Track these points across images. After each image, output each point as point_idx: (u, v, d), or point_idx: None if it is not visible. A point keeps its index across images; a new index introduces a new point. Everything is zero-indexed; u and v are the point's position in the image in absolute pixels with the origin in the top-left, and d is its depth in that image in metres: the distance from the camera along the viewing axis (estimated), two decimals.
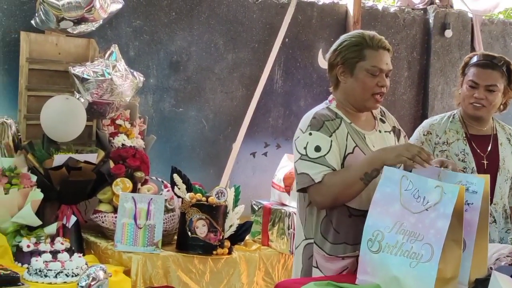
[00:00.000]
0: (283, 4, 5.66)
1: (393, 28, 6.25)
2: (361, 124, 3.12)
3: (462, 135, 3.79)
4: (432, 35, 6.38)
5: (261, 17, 5.59)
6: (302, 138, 3.00)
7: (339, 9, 5.97)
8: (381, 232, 2.69)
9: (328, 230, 3.02)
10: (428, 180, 2.69)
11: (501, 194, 3.78)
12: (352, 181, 2.87)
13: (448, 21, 6.38)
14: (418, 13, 6.42)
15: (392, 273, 2.61)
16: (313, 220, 3.05)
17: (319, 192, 2.91)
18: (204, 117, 5.41)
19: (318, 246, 3.04)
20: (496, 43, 6.82)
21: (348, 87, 3.07)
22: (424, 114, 6.39)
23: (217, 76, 5.45)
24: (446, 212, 2.57)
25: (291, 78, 5.76)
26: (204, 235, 4.13)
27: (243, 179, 5.47)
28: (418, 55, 6.40)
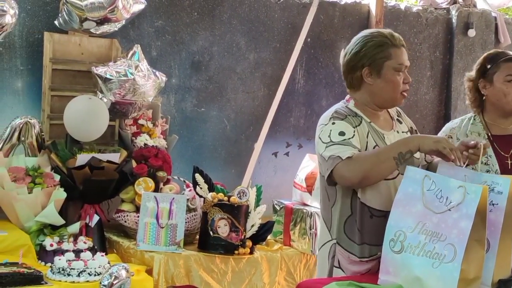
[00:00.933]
0: (305, 3, 5.65)
1: (415, 28, 6.22)
2: (380, 124, 3.10)
3: (484, 137, 3.74)
4: (455, 34, 6.35)
5: (283, 16, 5.59)
6: (326, 129, 2.98)
7: (361, 9, 5.95)
8: (403, 232, 2.68)
9: (352, 230, 3.01)
10: (451, 180, 2.67)
11: None
12: (384, 158, 2.84)
13: (471, 21, 6.34)
14: (441, 13, 6.39)
15: (415, 273, 2.60)
16: (336, 220, 3.04)
17: (348, 167, 2.84)
18: (226, 116, 5.42)
19: (342, 246, 3.03)
20: None
21: (376, 88, 3.05)
22: (447, 114, 6.36)
23: (238, 76, 5.45)
24: (469, 212, 2.56)
25: (313, 77, 5.75)
26: (226, 235, 4.14)
27: (265, 179, 5.47)
28: (441, 55, 6.37)
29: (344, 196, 3.01)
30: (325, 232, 3.11)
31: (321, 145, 2.96)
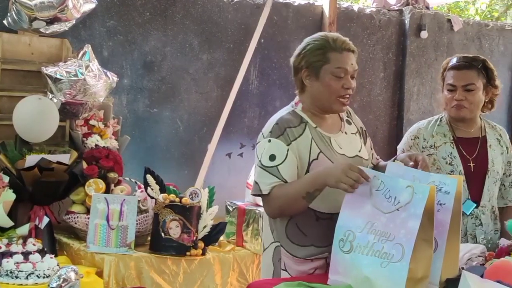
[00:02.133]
0: (259, 4, 5.65)
1: (369, 29, 6.26)
2: (327, 127, 3.10)
3: (450, 139, 3.80)
4: (408, 36, 6.40)
5: (236, 17, 5.58)
6: (261, 144, 3.01)
7: (314, 10, 5.97)
8: (352, 232, 2.69)
9: (294, 233, 3.01)
10: (399, 180, 2.69)
11: (489, 196, 3.78)
12: (294, 199, 2.89)
13: (423, 22, 6.40)
14: (394, 14, 6.44)
15: (363, 273, 2.61)
16: (279, 224, 3.05)
17: (267, 203, 2.97)
18: (179, 117, 5.40)
19: (285, 249, 3.03)
20: (471, 44, 6.85)
21: (314, 91, 3.05)
22: (400, 115, 6.42)
23: (192, 77, 5.43)
24: (417, 212, 2.57)
25: (266, 78, 5.75)
26: (178, 236, 4.11)
27: (219, 180, 5.45)
28: (394, 56, 6.42)
29: None
30: (269, 234, 3.11)
31: (255, 159, 3.02)
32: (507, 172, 3.90)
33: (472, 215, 3.72)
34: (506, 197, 3.90)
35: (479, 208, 3.74)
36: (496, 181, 3.81)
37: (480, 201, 3.74)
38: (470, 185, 3.73)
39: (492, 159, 3.80)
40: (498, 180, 3.82)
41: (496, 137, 3.89)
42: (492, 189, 3.79)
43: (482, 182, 3.76)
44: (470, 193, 3.72)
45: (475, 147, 3.81)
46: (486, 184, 3.76)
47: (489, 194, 3.77)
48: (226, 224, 4.55)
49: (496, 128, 3.95)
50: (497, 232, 3.81)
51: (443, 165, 3.74)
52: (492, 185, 3.78)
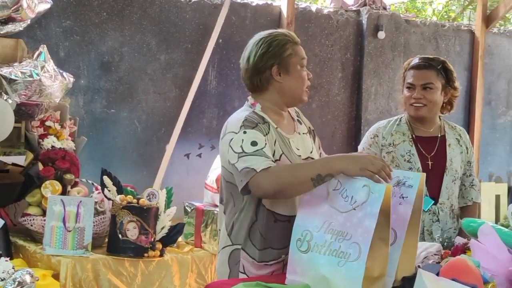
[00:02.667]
0: (216, 4, 5.64)
1: (326, 30, 6.28)
2: (285, 128, 3.10)
3: (408, 137, 3.83)
4: (365, 36, 6.44)
5: (194, 17, 5.56)
6: (237, 138, 2.92)
7: (272, 10, 5.98)
8: (310, 231, 2.69)
9: (255, 236, 3.00)
10: (356, 179, 2.69)
11: (448, 194, 3.81)
12: (302, 177, 2.74)
13: (381, 23, 6.44)
14: (352, 15, 6.47)
15: (321, 272, 2.61)
16: (241, 226, 3.02)
17: (264, 179, 2.77)
18: (137, 118, 5.36)
19: (246, 252, 3.01)
20: (428, 45, 6.92)
21: (286, 86, 3.05)
22: (358, 115, 6.45)
23: (149, 77, 5.40)
24: (373, 211, 2.58)
25: (225, 79, 5.74)
26: (135, 238, 4.09)
27: (177, 181, 5.43)
28: (351, 57, 6.45)
29: (252, 203, 2.98)
30: (225, 236, 3.08)
31: (233, 155, 2.90)
32: (467, 172, 3.95)
33: (430, 211, 3.75)
34: (466, 196, 3.95)
35: (437, 205, 3.78)
36: (455, 179, 3.84)
37: (439, 198, 3.78)
38: (428, 182, 3.74)
39: (451, 158, 3.84)
40: (457, 179, 3.86)
41: (456, 137, 3.93)
42: (451, 187, 3.82)
43: (440, 180, 3.80)
44: (429, 191, 3.76)
45: (434, 146, 3.85)
46: (444, 182, 3.80)
47: (448, 192, 3.81)
48: (184, 225, 4.54)
49: (456, 128, 3.99)
50: (455, 231, 3.85)
51: (401, 163, 3.78)
52: (450, 183, 3.82)
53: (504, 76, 7.47)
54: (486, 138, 7.33)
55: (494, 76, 7.39)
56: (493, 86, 7.40)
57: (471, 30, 7.19)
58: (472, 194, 3.95)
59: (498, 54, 7.41)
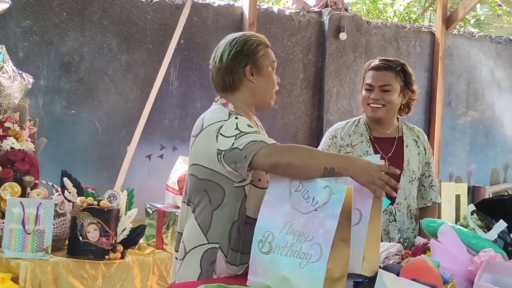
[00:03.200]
0: (178, 5, 5.62)
1: (288, 31, 6.30)
2: None
3: (366, 138, 3.86)
4: (327, 37, 6.46)
5: (155, 18, 5.53)
6: (229, 123, 2.88)
7: (234, 11, 5.97)
8: (271, 233, 2.68)
9: (235, 236, 2.96)
10: (318, 180, 2.70)
11: (405, 194, 3.84)
12: (317, 163, 2.69)
13: (342, 24, 6.46)
14: (313, 16, 6.49)
15: (282, 273, 2.61)
16: (220, 224, 2.99)
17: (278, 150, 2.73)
18: (98, 119, 5.32)
19: (223, 252, 2.98)
20: (389, 46, 6.96)
21: (258, 86, 3.05)
22: (320, 116, 6.47)
23: (110, 78, 5.36)
24: (334, 212, 2.59)
25: (186, 79, 5.72)
26: (96, 240, 4.06)
27: (139, 182, 5.40)
28: (313, 57, 6.46)
29: (235, 201, 2.95)
30: (199, 235, 3.03)
31: (226, 140, 2.84)
32: (426, 173, 3.98)
33: (386, 211, 3.78)
34: (426, 197, 3.98)
35: (394, 205, 3.80)
36: (412, 180, 3.87)
37: (395, 198, 3.80)
38: None
39: (408, 159, 3.86)
40: (415, 179, 3.89)
41: (414, 138, 3.96)
42: (408, 188, 3.85)
43: (397, 181, 3.81)
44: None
45: (391, 147, 3.88)
46: (401, 182, 3.82)
47: (405, 192, 3.84)
48: (146, 227, 4.52)
49: (414, 129, 4.02)
50: (413, 231, 3.88)
51: None
52: (407, 184, 3.85)
53: (464, 77, 7.55)
54: (446, 138, 7.40)
55: (454, 77, 7.47)
56: (453, 87, 7.48)
57: (432, 31, 7.25)
58: (431, 195, 3.99)
59: (458, 55, 7.49)
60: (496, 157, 7.89)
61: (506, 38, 7.93)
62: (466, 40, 7.56)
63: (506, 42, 7.86)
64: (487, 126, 7.77)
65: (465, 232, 3.07)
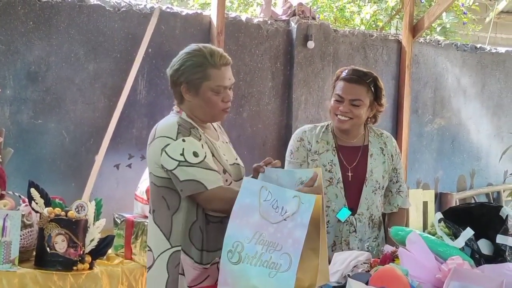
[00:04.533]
0: (146, 14, 5.60)
1: (256, 39, 6.30)
2: (210, 134, 3.15)
3: (332, 146, 3.86)
4: (295, 46, 6.47)
5: (123, 26, 5.51)
6: (176, 145, 2.95)
7: (202, 20, 5.96)
8: (240, 243, 2.70)
9: (197, 236, 2.99)
10: (287, 190, 2.72)
11: (368, 204, 3.84)
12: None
13: (310, 33, 6.48)
14: (281, 25, 6.50)
15: (252, 283, 2.62)
16: (180, 227, 3.01)
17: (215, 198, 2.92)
18: (65, 128, 5.27)
19: (186, 253, 3.00)
20: (356, 54, 7.00)
21: (194, 105, 3.09)
22: (289, 124, 6.48)
23: (77, 87, 5.32)
24: (303, 221, 2.61)
25: (155, 88, 5.70)
26: (64, 251, 4.02)
27: (107, 192, 5.37)
28: (281, 66, 6.47)
29: (191, 203, 3.00)
30: (162, 241, 3.06)
31: (170, 161, 2.94)
32: (394, 179, 3.98)
33: (347, 222, 3.79)
34: (393, 203, 3.99)
35: (355, 215, 3.81)
36: (376, 189, 3.88)
37: (357, 209, 3.82)
38: (347, 193, 3.80)
39: (371, 169, 3.87)
40: (378, 189, 3.89)
41: (380, 145, 3.96)
42: (371, 198, 3.86)
43: (360, 191, 3.83)
44: (347, 201, 3.80)
45: (356, 156, 3.88)
46: (364, 193, 3.83)
47: (367, 202, 3.85)
48: (114, 237, 4.49)
49: (382, 136, 4.01)
50: (376, 240, 3.89)
51: (323, 172, 3.80)
52: (370, 194, 3.85)
53: (430, 85, 7.62)
54: (414, 145, 7.46)
55: (420, 84, 7.53)
56: (420, 94, 7.54)
57: (398, 39, 7.31)
58: (398, 201, 4.00)
59: (424, 63, 7.55)
60: (463, 163, 7.97)
61: (471, 45, 8.02)
62: (432, 48, 7.63)
63: (471, 49, 7.95)
64: (453, 133, 7.85)
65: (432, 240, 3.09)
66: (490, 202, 7.64)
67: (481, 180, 8.13)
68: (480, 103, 8.03)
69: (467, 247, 3.11)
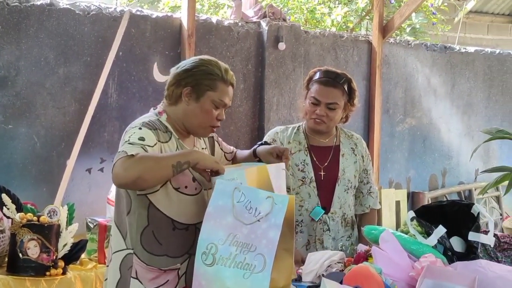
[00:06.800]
0: (116, 17, 5.57)
1: (227, 41, 6.30)
2: (186, 141, 3.12)
3: (304, 146, 3.89)
4: (266, 47, 6.48)
5: (93, 30, 5.48)
6: (131, 131, 2.94)
7: (173, 22, 5.95)
8: (214, 245, 2.69)
9: (150, 241, 2.97)
10: (260, 191, 2.72)
11: (340, 203, 3.88)
12: (163, 164, 2.79)
13: (281, 34, 6.49)
14: (252, 26, 6.51)
15: (227, 285, 2.62)
16: (132, 230, 2.99)
17: (127, 164, 2.76)
18: (36, 133, 5.23)
19: (138, 257, 2.98)
20: (327, 55, 7.03)
21: (190, 110, 3.05)
22: (261, 125, 6.49)
23: (48, 91, 5.28)
24: (277, 222, 2.61)
25: (126, 91, 5.68)
26: (36, 256, 4.00)
27: (79, 196, 5.33)
28: (253, 68, 6.48)
29: (141, 207, 2.97)
30: (120, 240, 3.04)
31: (121, 143, 2.92)
32: (364, 180, 4.03)
33: (320, 221, 3.81)
34: (364, 204, 4.02)
35: (329, 214, 3.84)
36: (348, 189, 3.92)
37: (330, 207, 3.85)
38: (320, 192, 3.84)
39: (344, 168, 3.91)
40: (351, 188, 3.93)
41: (351, 146, 4.00)
42: (344, 197, 3.89)
43: (333, 190, 3.87)
44: (320, 200, 3.84)
45: (328, 156, 3.92)
46: (336, 192, 3.87)
47: (340, 201, 3.88)
48: (87, 242, 4.47)
49: (352, 137, 4.06)
50: (349, 239, 3.92)
51: (295, 172, 3.84)
52: (343, 193, 3.89)
53: (401, 85, 7.67)
54: (385, 145, 7.50)
55: (391, 85, 7.58)
56: (391, 94, 7.59)
57: (369, 40, 7.35)
58: (369, 202, 4.04)
59: (394, 64, 7.60)
60: (434, 163, 8.03)
61: (441, 46, 8.09)
62: (402, 48, 7.68)
63: (441, 49, 8.01)
64: (424, 133, 7.90)
65: (405, 238, 3.11)
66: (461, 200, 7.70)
67: (452, 178, 8.20)
68: (450, 103, 8.10)
69: (440, 244, 3.14)
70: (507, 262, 3.49)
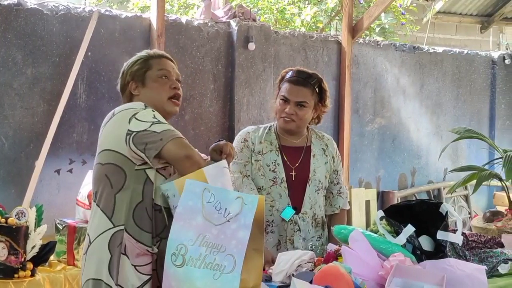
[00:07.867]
0: (84, 17, 5.53)
1: (197, 41, 6.29)
2: None
3: (275, 146, 3.89)
4: (236, 48, 6.48)
5: (62, 30, 5.43)
6: (147, 112, 2.99)
7: (142, 22, 5.92)
8: (184, 245, 2.69)
9: (141, 216, 2.95)
10: (229, 191, 2.73)
11: (311, 204, 3.88)
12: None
13: (251, 34, 6.50)
14: (222, 26, 6.50)
15: (196, 286, 2.62)
16: (124, 206, 2.97)
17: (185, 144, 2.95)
18: (4, 134, 5.18)
19: (130, 234, 2.95)
20: (297, 55, 7.04)
21: (144, 97, 3.13)
22: (231, 125, 6.48)
23: (16, 92, 5.23)
24: (246, 222, 2.61)
25: (95, 92, 5.64)
26: (4, 258, 3.97)
27: (48, 198, 5.29)
28: (223, 68, 6.47)
29: (137, 183, 2.97)
30: (104, 221, 3.00)
31: (141, 124, 2.93)
32: (334, 180, 4.04)
33: (291, 221, 3.82)
34: (334, 204, 4.03)
35: (299, 214, 3.85)
36: (319, 189, 3.93)
37: (301, 208, 3.86)
38: (291, 192, 3.85)
39: (314, 169, 3.92)
40: (321, 188, 3.94)
41: (322, 147, 4.01)
42: (314, 197, 3.90)
43: (303, 190, 3.88)
44: (291, 200, 3.84)
45: (299, 156, 3.93)
46: (307, 192, 3.87)
47: (311, 202, 3.89)
48: (56, 243, 4.45)
49: (323, 138, 4.07)
50: (319, 239, 3.93)
51: (266, 172, 3.84)
52: (313, 193, 3.90)
53: (370, 85, 7.71)
54: (355, 145, 7.54)
55: (361, 85, 7.61)
56: (360, 94, 7.62)
57: (338, 40, 7.37)
58: (339, 202, 4.05)
59: (364, 64, 7.64)
60: (404, 162, 8.08)
61: (409, 46, 8.14)
62: (371, 48, 7.72)
63: (410, 50, 8.07)
64: (394, 132, 7.95)
65: (375, 237, 3.13)
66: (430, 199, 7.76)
67: (421, 178, 8.27)
68: (419, 102, 8.16)
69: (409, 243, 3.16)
70: (475, 260, 3.52)
